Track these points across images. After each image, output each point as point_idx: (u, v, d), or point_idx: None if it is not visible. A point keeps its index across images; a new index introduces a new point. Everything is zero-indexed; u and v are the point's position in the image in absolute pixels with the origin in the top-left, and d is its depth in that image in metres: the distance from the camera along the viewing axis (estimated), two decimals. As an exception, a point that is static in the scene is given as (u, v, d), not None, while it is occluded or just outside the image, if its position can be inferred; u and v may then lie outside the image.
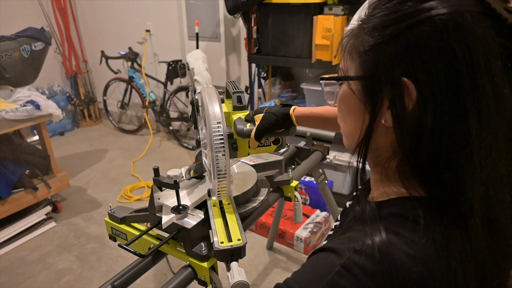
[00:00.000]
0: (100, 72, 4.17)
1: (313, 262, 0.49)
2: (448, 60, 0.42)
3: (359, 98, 0.49)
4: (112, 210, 1.11)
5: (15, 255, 2.25)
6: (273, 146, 1.00)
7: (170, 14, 3.45)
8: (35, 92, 2.50)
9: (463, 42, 0.41)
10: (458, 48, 0.41)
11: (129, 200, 2.79)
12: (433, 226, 0.44)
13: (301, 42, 2.35)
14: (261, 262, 2.11)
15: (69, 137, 4.06)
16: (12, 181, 2.34)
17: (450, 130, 0.43)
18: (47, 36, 2.64)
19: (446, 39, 0.41)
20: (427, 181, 0.47)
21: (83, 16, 4.15)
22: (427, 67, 0.42)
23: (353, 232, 0.49)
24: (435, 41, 0.42)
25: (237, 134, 0.93)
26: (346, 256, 0.45)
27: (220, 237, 0.86)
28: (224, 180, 0.86)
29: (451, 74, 0.42)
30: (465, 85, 0.42)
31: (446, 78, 0.42)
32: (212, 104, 0.85)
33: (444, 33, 0.41)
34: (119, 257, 2.19)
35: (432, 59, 0.42)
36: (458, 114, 0.43)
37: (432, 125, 0.43)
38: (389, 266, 0.43)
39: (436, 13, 0.42)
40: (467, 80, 0.41)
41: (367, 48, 0.47)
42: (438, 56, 0.42)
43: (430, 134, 0.44)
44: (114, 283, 0.88)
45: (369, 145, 0.50)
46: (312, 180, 2.41)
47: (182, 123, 3.77)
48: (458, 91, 0.42)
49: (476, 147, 0.43)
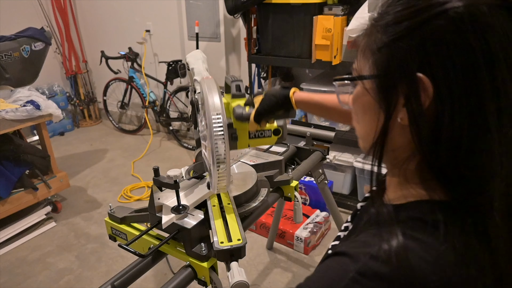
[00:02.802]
0: (100, 72, 4.17)
1: (326, 268, 0.47)
2: (465, 54, 0.40)
3: (373, 96, 0.48)
4: (112, 210, 1.11)
5: (15, 255, 2.25)
6: (274, 137, 0.99)
7: (170, 14, 3.45)
8: (35, 92, 2.50)
9: (480, 35, 0.39)
10: (475, 41, 0.40)
11: (129, 200, 2.79)
12: (453, 232, 0.43)
13: (301, 42, 2.35)
14: (261, 262, 2.11)
15: (69, 137, 4.06)
16: (12, 181, 2.34)
17: (469, 126, 0.41)
18: (47, 36, 2.64)
19: (462, 32, 0.40)
20: (447, 181, 0.46)
21: (83, 16, 4.15)
22: (443, 61, 0.41)
23: (368, 236, 0.47)
24: (451, 35, 0.40)
25: (236, 118, 0.92)
26: (362, 261, 0.43)
27: (220, 237, 0.86)
28: (223, 168, 0.84)
29: (469, 68, 0.40)
30: (483, 79, 0.40)
31: (463, 72, 0.40)
32: (212, 93, 0.85)
33: (460, 26, 0.40)
34: (119, 257, 2.19)
35: (448, 53, 0.40)
36: (477, 110, 0.41)
37: (450, 121, 0.42)
38: (406, 273, 0.41)
39: (451, 6, 0.40)
40: (486, 74, 0.40)
41: (380, 46, 0.45)
42: (455, 50, 0.40)
43: (448, 131, 0.42)
44: (114, 283, 0.88)
45: (384, 145, 0.48)
46: (312, 180, 2.41)
47: (182, 123, 3.77)
48: (476, 86, 0.40)
49: (496, 144, 0.41)
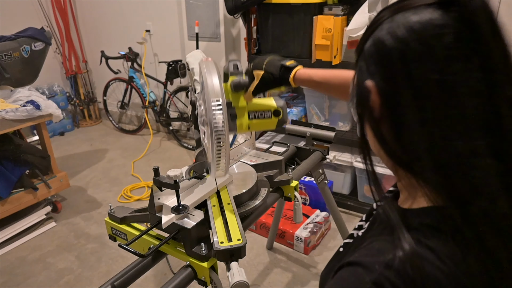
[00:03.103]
0: (100, 72, 4.17)
1: (341, 280, 0.46)
2: (387, 58, 0.46)
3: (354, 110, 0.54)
4: (112, 210, 1.11)
5: (15, 255, 2.25)
6: (274, 119, 0.98)
7: (170, 14, 3.45)
8: (35, 92, 2.50)
9: (400, 54, 0.44)
10: (395, 56, 0.45)
11: (129, 200, 2.79)
12: (468, 240, 0.42)
13: (301, 42, 2.35)
14: (261, 262, 2.11)
15: (69, 137, 4.06)
16: (12, 181, 2.35)
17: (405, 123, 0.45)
18: (47, 36, 2.64)
19: (386, 52, 0.46)
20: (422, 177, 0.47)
21: (83, 16, 4.15)
22: (383, 71, 0.47)
23: (381, 243, 0.46)
24: (377, 54, 0.47)
25: (233, 87, 0.91)
26: (377, 272, 0.42)
27: (220, 237, 0.86)
28: (223, 148, 0.84)
29: (389, 76, 0.46)
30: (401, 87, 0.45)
31: (386, 80, 0.46)
32: (211, 74, 0.85)
33: (385, 41, 0.46)
34: (119, 257, 2.19)
35: (382, 64, 0.46)
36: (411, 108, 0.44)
37: (396, 124, 0.47)
38: (422, 284, 0.40)
39: (382, 18, 0.47)
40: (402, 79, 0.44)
41: (354, 66, 0.53)
42: (381, 62, 0.47)
43: (395, 133, 0.47)
44: (114, 283, 0.88)
45: (369, 149, 0.52)
46: (312, 180, 2.41)
47: (182, 123, 3.77)
48: (394, 91, 0.45)
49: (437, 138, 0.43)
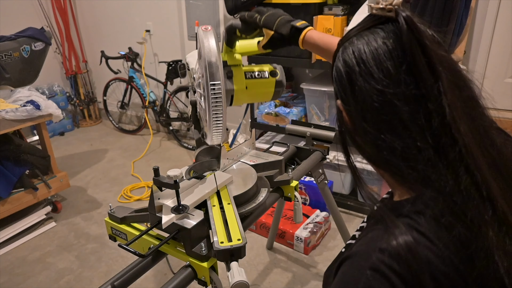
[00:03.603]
0: (100, 72, 4.17)
1: (342, 275, 0.49)
2: (340, 80, 0.55)
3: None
4: (112, 210, 1.11)
5: (15, 255, 2.25)
6: (272, 79, 0.99)
7: (170, 14, 3.45)
8: (35, 92, 2.50)
9: (345, 70, 0.53)
10: (344, 74, 0.54)
11: (129, 200, 2.79)
12: (454, 222, 0.44)
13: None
14: (261, 262, 2.11)
15: (69, 137, 4.06)
16: (12, 181, 2.34)
17: (363, 137, 0.53)
18: (47, 36, 2.64)
19: (338, 71, 0.55)
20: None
21: (83, 16, 4.15)
22: (339, 92, 0.56)
23: (374, 232, 0.49)
24: (336, 74, 0.56)
25: (226, 30, 0.93)
26: (373, 258, 0.44)
27: (220, 237, 0.86)
28: (219, 108, 0.84)
29: (351, 94, 0.53)
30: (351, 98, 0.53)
31: (344, 97, 0.55)
32: (208, 38, 0.86)
33: (337, 68, 0.55)
34: (119, 257, 2.19)
35: (339, 86, 0.55)
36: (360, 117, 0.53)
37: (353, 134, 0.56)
38: (416, 265, 0.42)
39: (339, 46, 0.56)
40: (351, 97, 0.53)
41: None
42: (339, 84, 0.55)
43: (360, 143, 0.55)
44: (114, 283, 0.88)
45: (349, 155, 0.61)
46: (312, 180, 2.41)
47: (182, 123, 3.77)
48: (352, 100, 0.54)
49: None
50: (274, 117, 2.63)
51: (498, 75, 2.24)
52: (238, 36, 0.95)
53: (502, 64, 2.22)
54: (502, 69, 2.23)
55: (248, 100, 1.02)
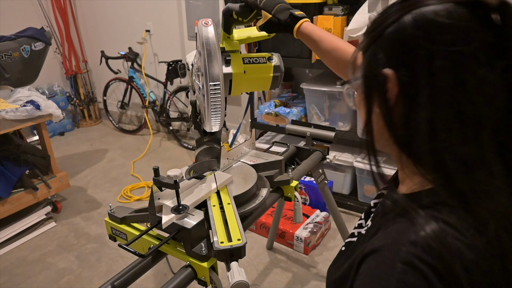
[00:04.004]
0: (100, 72, 4.17)
1: (369, 271, 0.46)
2: (412, 51, 0.45)
3: (360, 94, 0.54)
4: (112, 210, 1.11)
5: (15, 255, 2.25)
6: (270, 64, 1.00)
7: (170, 14, 3.45)
8: (35, 92, 2.50)
9: (427, 40, 0.44)
10: (424, 42, 0.44)
11: (129, 200, 2.79)
12: (472, 213, 0.43)
13: (301, 42, 2.34)
14: (261, 262, 2.11)
15: (69, 137, 4.06)
16: (12, 181, 2.34)
17: (426, 117, 0.45)
18: (47, 36, 2.64)
19: (413, 38, 0.45)
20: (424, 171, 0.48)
21: (83, 16, 4.15)
22: (404, 61, 0.46)
23: (398, 225, 0.47)
24: (403, 41, 0.46)
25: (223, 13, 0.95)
26: (403, 251, 0.42)
27: (220, 237, 0.86)
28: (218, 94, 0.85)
29: (422, 66, 0.45)
30: (424, 74, 0.45)
31: (422, 70, 0.45)
32: (206, 27, 0.88)
33: (410, 30, 0.45)
34: (119, 257, 2.19)
35: (405, 54, 0.46)
36: (432, 103, 0.45)
37: (411, 115, 0.47)
38: (448, 255, 0.41)
39: (404, 19, 0.46)
40: (423, 69, 0.45)
41: (364, 50, 0.53)
42: (410, 52, 0.46)
43: (415, 123, 0.46)
44: (114, 283, 0.88)
45: (373, 138, 0.53)
46: (312, 180, 2.41)
47: (182, 123, 3.77)
48: (432, 82, 0.45)
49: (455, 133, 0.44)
50: (274, 117, 2.63)
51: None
52: (234, 19, 0.96)
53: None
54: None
55: (247, 87, 1.02)
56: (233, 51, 0.98)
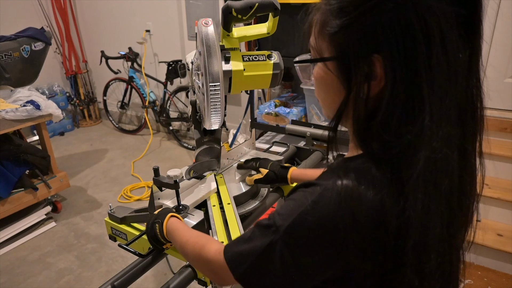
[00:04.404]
0: (100, 72, 4.17)
1: (294, 195, 0.54)
2: (407, 33, 0.45)
3: (335, 75, 0.53)
4: (112, 210, 1.10)
5: (15, 255, 2.25)
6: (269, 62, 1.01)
7: (170, 14, 3.45)
8: (35, 92, 2.50)
9: (421, 17, 0.44)
10: (417, 22, 0.44)
11: (129, 200, 2.79)
12: (381, 180, 0.49)
13: (301, 43, 2.35)
14: (261, 262, 2.11)
15: (69, 137, 4.06)
16: (12, 181, 2.35)
17: (406, 97, 0.47)
18: (47, 36, 2.64)
19: (406, 15, 0.45)
20: (379, 146, 0.51)
21: (83, 16, 4.15)
22: (390, 42, 0.46)
23: (327, 175, 0.53)
24: (396, 17, 0.45)
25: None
26: (320, 189, 0.50)
27: (220, 237, 0.86)
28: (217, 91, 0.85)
29: (410, 47, 0.45)
30: (421, 57, 0.45)
31: (405, 51, 0.46)
32: (206, 27, 0.90)
33: (404, 9, 0.45)
34: (119, 257, 2.19)
35: (394, 35, 0.45)
36: (414, 82, 0.46)
37: (391, 92, 0.47)
38: (352, 201, 0.48)
39: None
40: (423, 51, 0.45)
41: (336, 30, 0.50)
42: (400, 31, 0.45)
43: (386, 102, 0.48)
44: (114, 283, 0.88)
45: (341, 116, 0.55)
46: (312, 180, 2.41)
47: (182, 123, 3.77)
48: (415, 61, 0.46)
49: (428, 117, 0.46)
50: (274, 117, 2.63)
51: (498, 75, 2.24)
52: (234, 16, 0.96)
53: (502, 64, 2.22)
54: (502, 69, 2.23)
55: (247, 85, 1.02)
56: (233, 49, 0.98)
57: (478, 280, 1.97)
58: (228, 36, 0.99)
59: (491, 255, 2.02)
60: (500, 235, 2.04)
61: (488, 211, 2.13)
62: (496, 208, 2.10)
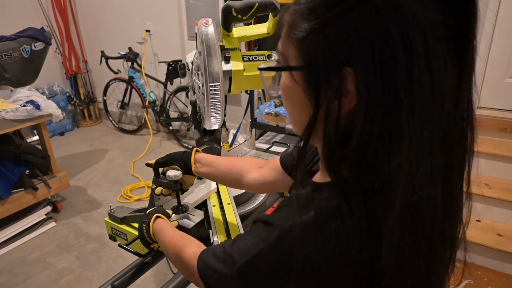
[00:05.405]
0: (100, 72, 4.17)
1: (252, 230, 0.52)
2: (385, 45, 0.38)
3: (302, 88, 0.45)
4: (112, 210, 1.11)
5: (15, 255, 2.25)
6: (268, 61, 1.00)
7: (170, 14, 3.45)
8: (35, 92, 2.50)
9: (402, 26, 0.37)
10: (397, 32, 0.37)
11: (129, 200, 2.79)
12: (353, 213, 0.43)
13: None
14: (261, 262, 2.11)
15: (69, 137, 4.06)
16: (12, 181, 2.35)
17: (381, 124, 0.40)
18: (47, 36, 2.64)
19: (384, 22, 0.37)
20: (352, 174, 0.45)
21: (83, 16, 4.15)
22: (364, 54, 0.38)
23: (289, 211, 0.50)
24: (373, 25, 0.38)
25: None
26: (278, 233, 0.47)
27: (220, 237, 0.86)
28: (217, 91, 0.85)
29: (387, 62, 0.38)
30: (400, 74, 0.38)
31: (382, 66, 0.38)
32: (206, 27, 0.90)
33: (383, 15, 0.37)
34: (119, 257, 2.19)
35: (370, 45, 0.38)
36: (391, 106, 0.39)
37: (364, 117, 0.40)
38: (309, 248, 0.44)
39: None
40: (403, 68, 0.38)
41: (304, 34, 0.43)
42: (377, 42, 0.38)
43: (360, 128, 0.41)
44: (114, 283, 0.88)
45: (310, 135, 0.46)
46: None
47: (182, 123, 3.77)
48: (393, 80, 0.38)
49: (407, 143, 0.39)
50: (274, 117, 2.63)
51: (498, 75, 2.24)
52: (234, 16, 0.96)
53: (502, 64, 2.22)
54: (502, 69, 2.23)
55: (247, 85, 1.02)
56: (233, 49, 0.98)
57: (478, 280, 1.97)
58: (228, 36, 0.99)
59: (491, 255, 2.02)
60: (500, 235, 2.04)
61: (488, 211, 2.13)
62: (496, 208, 2.10)
